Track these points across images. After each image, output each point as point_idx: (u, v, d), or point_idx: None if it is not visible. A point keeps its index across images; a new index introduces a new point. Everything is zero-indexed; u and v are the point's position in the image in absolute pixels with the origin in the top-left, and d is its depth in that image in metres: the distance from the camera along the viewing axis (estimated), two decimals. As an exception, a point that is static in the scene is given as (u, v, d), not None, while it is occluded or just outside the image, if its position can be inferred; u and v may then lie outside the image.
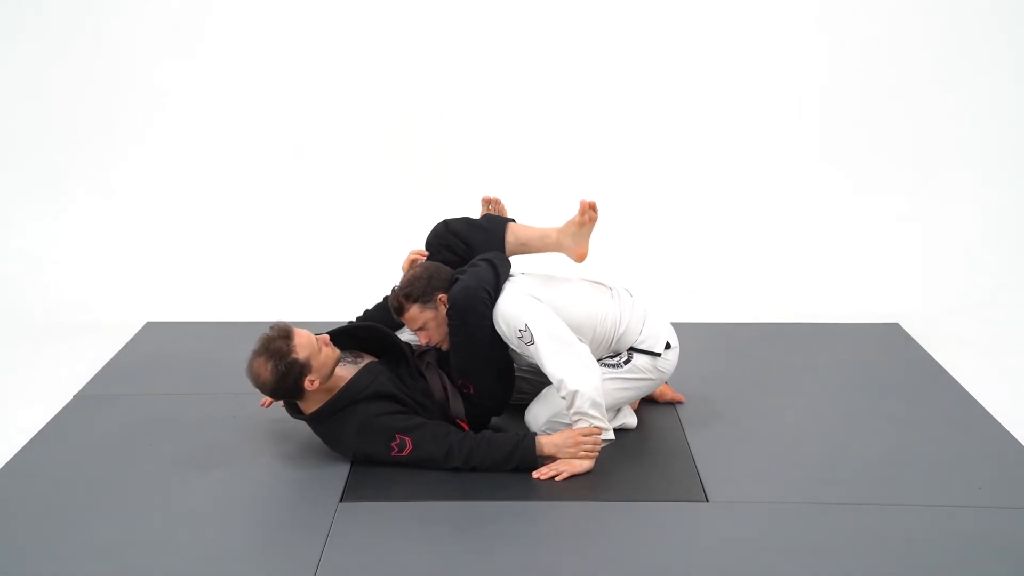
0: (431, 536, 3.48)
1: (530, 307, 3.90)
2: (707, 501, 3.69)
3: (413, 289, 3.95)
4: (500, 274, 3.99)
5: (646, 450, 4.08)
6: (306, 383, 3.82)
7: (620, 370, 4.06)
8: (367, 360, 4.06)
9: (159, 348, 5.16)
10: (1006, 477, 3.86)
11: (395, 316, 4.08)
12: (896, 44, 6.08)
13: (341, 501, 3.69)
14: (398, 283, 4.04)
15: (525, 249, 4.22)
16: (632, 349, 4.10)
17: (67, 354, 5.17)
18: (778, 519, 3.57)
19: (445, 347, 4.05)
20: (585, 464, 3.84)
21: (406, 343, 4.17)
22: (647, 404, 4.42)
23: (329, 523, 3.54)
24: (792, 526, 3.54)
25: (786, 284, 5.91)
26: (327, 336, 3.94)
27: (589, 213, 4.06)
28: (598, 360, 4.03)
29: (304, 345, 3.80)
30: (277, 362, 3.77)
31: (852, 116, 6.16)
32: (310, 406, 3.91)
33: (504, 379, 4.11)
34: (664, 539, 3.49)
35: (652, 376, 4.12)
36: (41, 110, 6.15)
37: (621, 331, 4.08)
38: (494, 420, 4.19)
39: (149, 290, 5.90)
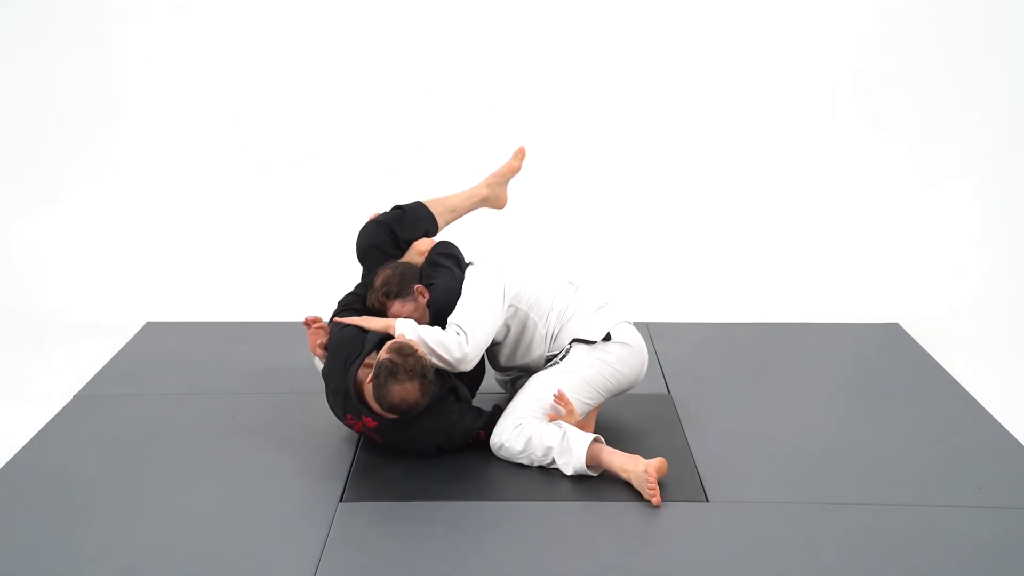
0: (431, 536, 3.48)
1: (489, 267, 4.09)
2: (707, 501, 3.69)
3: (391, 287, 4.06)
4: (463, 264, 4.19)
5: (646, 450, 4.06)
6: None
7: (560, 365, 4.06)
8: None
9: (159, 348, 5.16)
10: (1006, 477, 3.87)
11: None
12: (896, 45, 6.08)
13: (341, 501, 3.69)
14: (373, 285, 4.11)
15: (455, 215, 4.44)
16: (574, 340, 4.10)
17: (67, 354, 5.17)
18: (778, 519, 3.57)
19: None
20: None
21: None
22: (647, 404, 4.43)
23: (329, 523, 3.54)
24: (792, 526, 3.54)
25: (786, 284, 5.91)
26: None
27: (522, 159, 4.42)
28: (545, 358, 4.13)
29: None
30: (422, 381, 3.71)
31: (851, 117, 6.16)
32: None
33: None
34: (664, 539, 3.50)
35: (596, 371, 4.03)
36: (40, 110, 6.14)
37: (569, 317, 4.11)
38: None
39: (149, 290, 5.90)
